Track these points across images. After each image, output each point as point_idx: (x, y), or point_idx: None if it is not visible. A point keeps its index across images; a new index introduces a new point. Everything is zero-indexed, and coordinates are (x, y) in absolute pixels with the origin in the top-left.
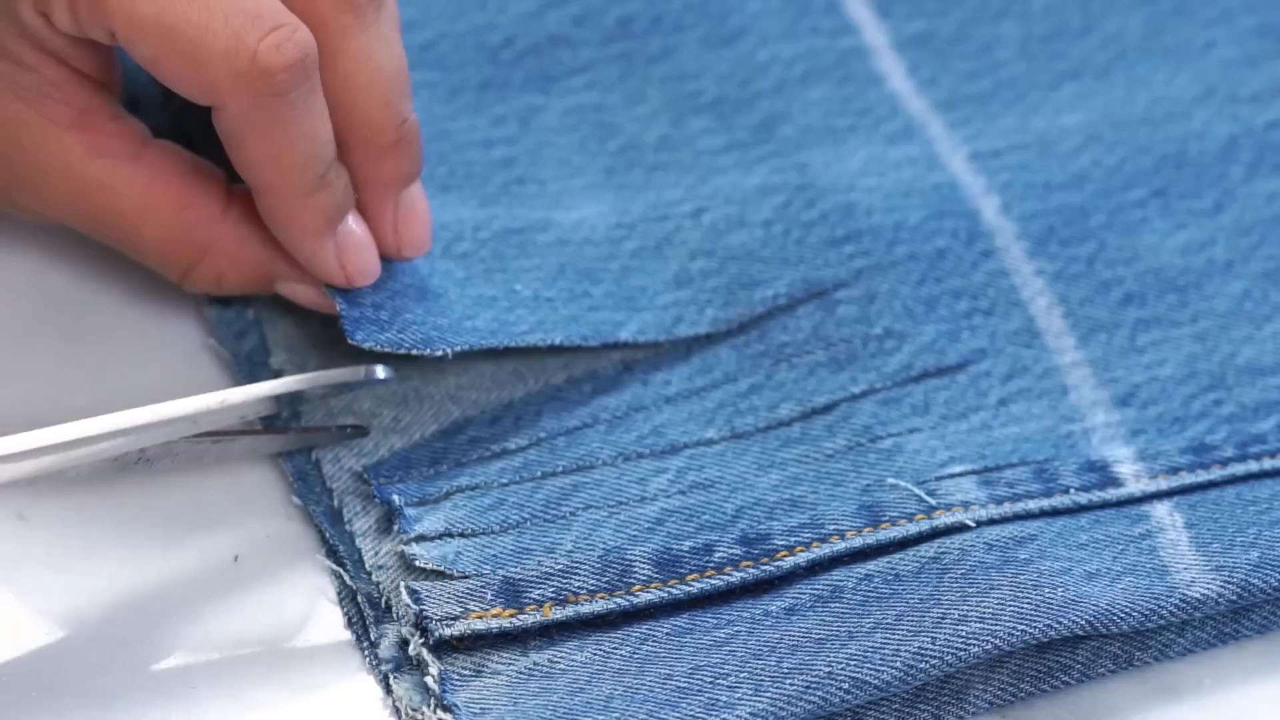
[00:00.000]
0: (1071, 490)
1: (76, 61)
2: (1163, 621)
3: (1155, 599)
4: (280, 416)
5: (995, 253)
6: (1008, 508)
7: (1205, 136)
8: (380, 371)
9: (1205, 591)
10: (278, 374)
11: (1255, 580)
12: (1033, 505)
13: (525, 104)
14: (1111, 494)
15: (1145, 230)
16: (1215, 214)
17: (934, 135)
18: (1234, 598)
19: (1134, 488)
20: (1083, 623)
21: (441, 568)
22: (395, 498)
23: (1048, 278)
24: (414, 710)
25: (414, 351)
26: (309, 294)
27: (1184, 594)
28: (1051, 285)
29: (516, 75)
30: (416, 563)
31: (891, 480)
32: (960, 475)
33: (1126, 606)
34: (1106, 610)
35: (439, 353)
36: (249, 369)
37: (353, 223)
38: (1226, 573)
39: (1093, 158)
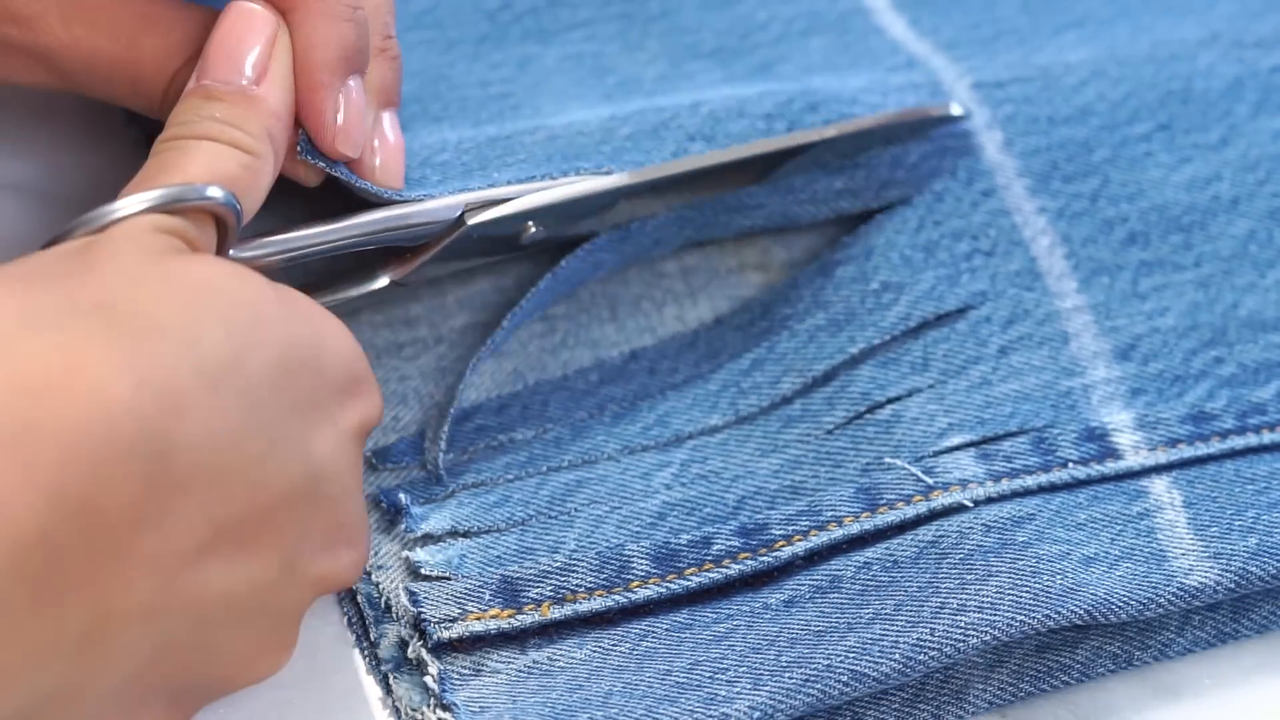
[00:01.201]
0: (1070, 464)
1: None
2: (1161, 610)
3: (1153, 588)
4: None
5: (996, 191)
6: (1005, 485)
7: (1211, 75)
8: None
9: (1203, 580)
10: None
11: (1253, 568)
12: (1030, 481)
13: (523, 52)
14: (1110, 467)
15: (1150, 164)
16: (1221, 148)
17: (937, 66)
18: (1232, 585)
19: (1133, 460)
20: (1081, 612)
21: (447, 574)
22: (402, 496)
23: (1050, 216)
24: (414, 710)
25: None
26: None
27: (1182, 582)
28: (1054, 224)
29: (514, 31)
30: (422, 571)
31: (890, 459)
32: (958, 449)
33: (1124, 595)
34: (1104, 599)
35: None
36: None
37: (355, 88)
38: (1224, 560)
39: (1097, 91)
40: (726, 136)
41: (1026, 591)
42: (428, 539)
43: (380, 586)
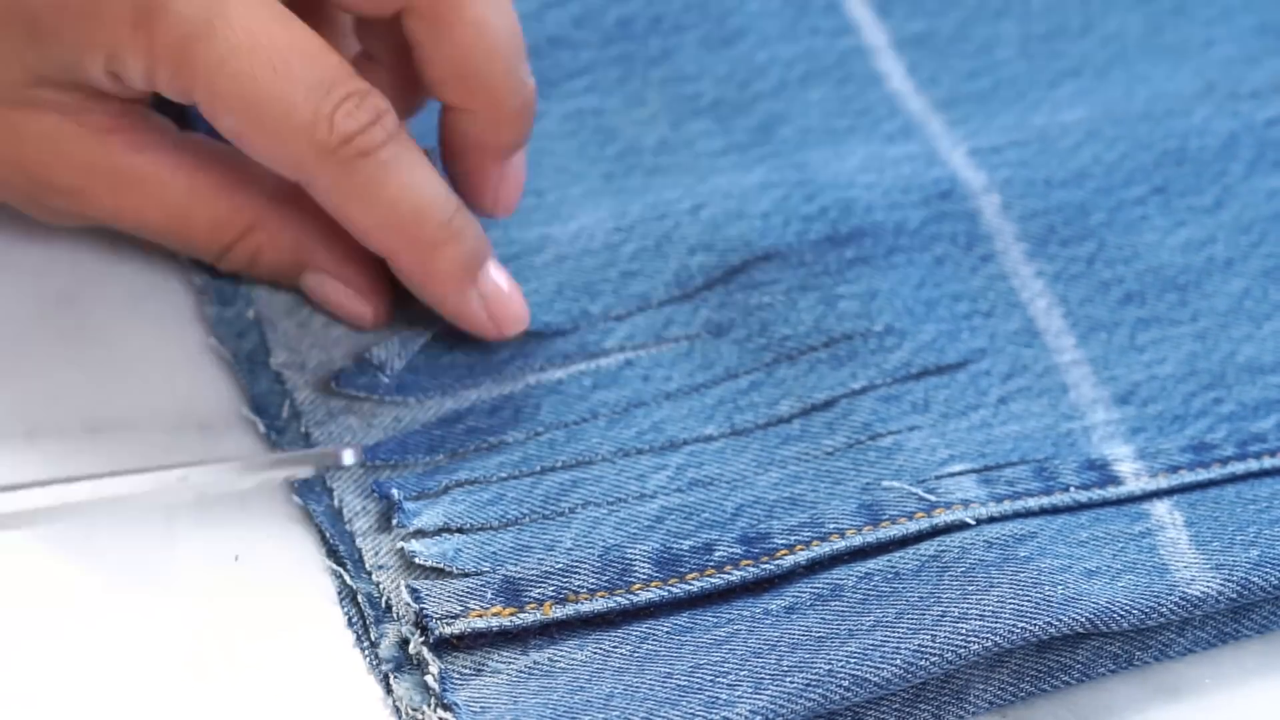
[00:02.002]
0: (1072, 489)
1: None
2: (1163, 619)
3: (1155, 597)
4: (281, 418)
5: (994, 256)
6: (1007, 505)
7: (1206, 133)
8: (348, 457)
9: (1205, 590)
10: (278, 375)
11: (1255, 578)
12: (1033, 504)
13: None
14: (1111, 492)
15: (1145, 228)
16: (1215, 211)
17: (933, 133)
18: (1234, 596)
19: (1134, 485)
20: (1083, 620)
21: (441, 564)
22: (394, 491)
23: (1047, 279)
24: (414, 710)
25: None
26: (337, 292)
27: (1184, 592)
28: (1051, 286)
29: None
30: (416, 559)
31: (891, 481)
32: (960, 474)
33: (1126, 604)
34: (1106, 608)
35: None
36: (249, 369)
37: (494, 272)
38: (1226, 571)
39: (1093, 154)
40: (725, 242)
41: (1028, 600)
42: (421, 534)
43: (380, 586)
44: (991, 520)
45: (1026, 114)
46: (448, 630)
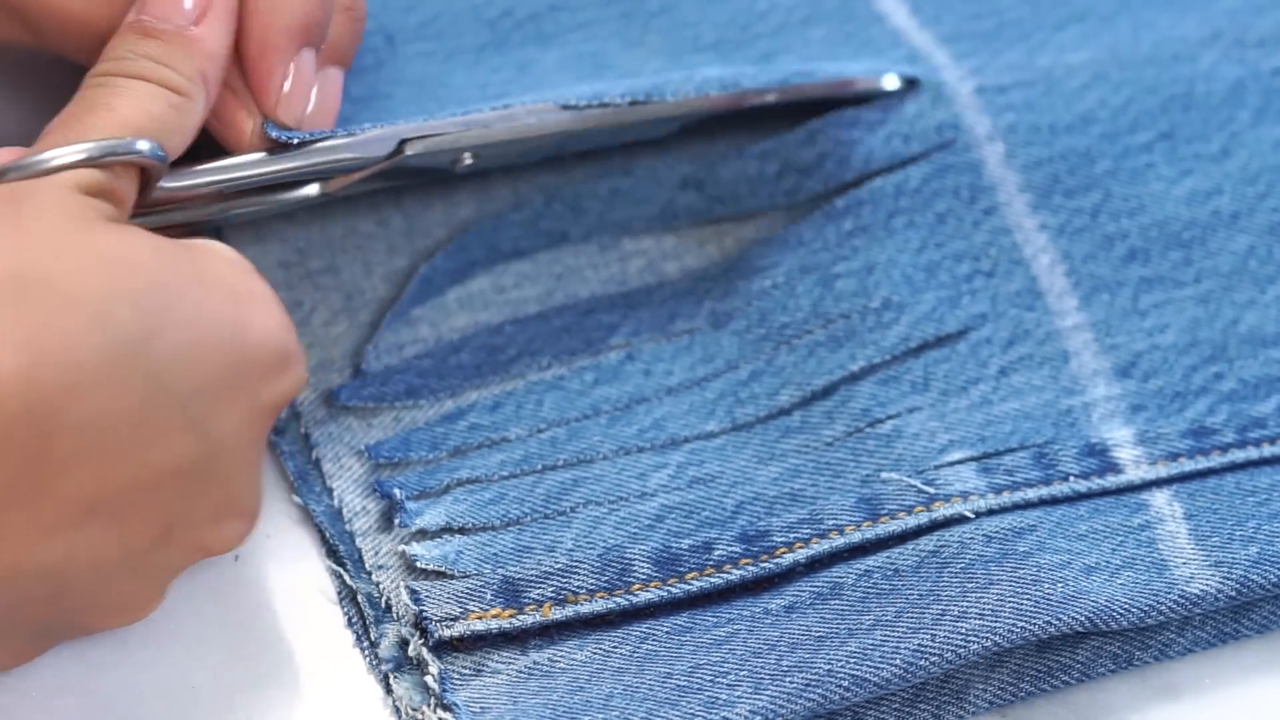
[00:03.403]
0: (1071, 478)
1: None
2: (1162, 618)
3: (1154, 595)
4: (281, 418)
5: (998, 209)
6: (1006, 497)
7: (1212, 78)
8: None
9: (1204, 588)
10: None
11: (1254, 576)
12: (1031, 494)
13: (523, 56)
14: (1111, 481)
15: (1151, 177)
16: (1222, 159)
17: (939, 63)
18: (1233, 594)
19: (1133, 474)
20: (1082, 619)
21: (443, 568)
22: (396, 491)
23: (1051, 233)
24: (414, 710)
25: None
26: (225, 101)
27: (1183, 590)
28: (1055, 241)
29: (515, 37)
30: (418, 564)
31: (890, 473)
32: (959, 463)
33: (1126, 603)
34: (1105, 607)
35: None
36: None
37: (307, 59)
38: (1225, 569)
39: (1099, 97)
40: (716, 187)
41: (1028, 599)
42: (422, 534)
43: (380, 586)
44: (991, 513)
45: (1032, 54)
46: (447, 633)
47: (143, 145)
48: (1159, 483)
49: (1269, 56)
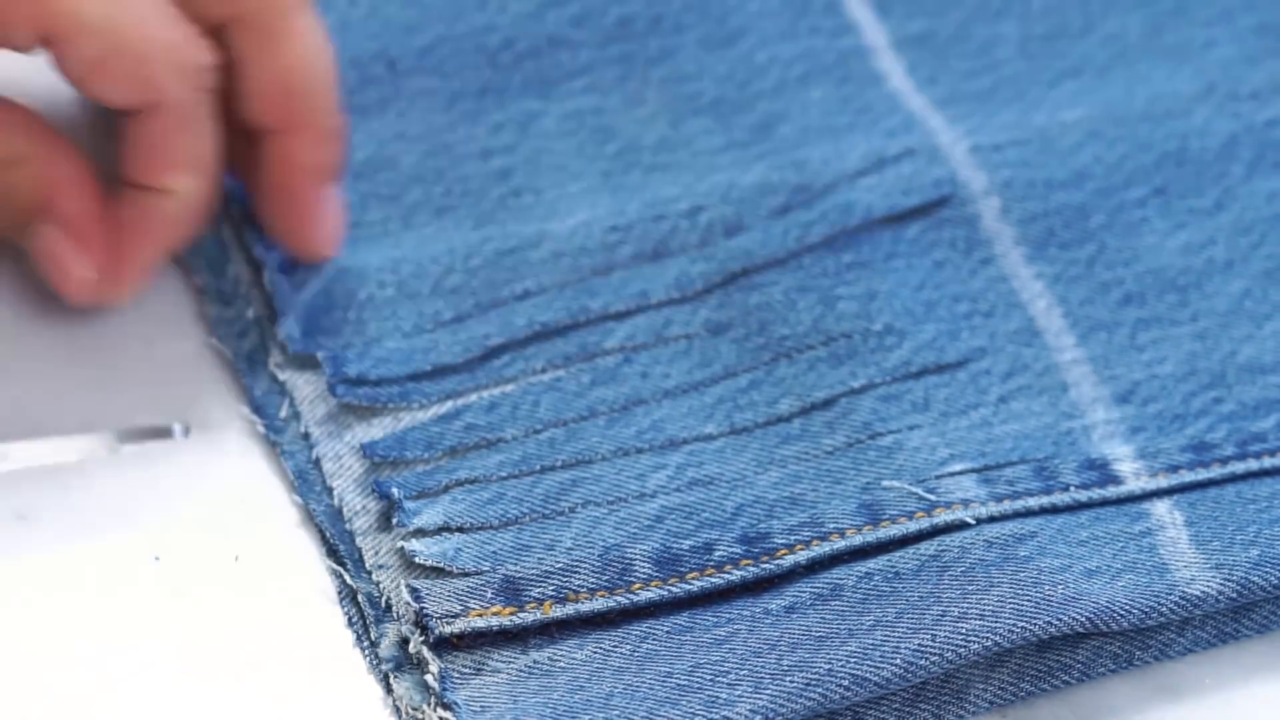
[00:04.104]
0: (1072, 488)
1: None
2: (1163, 619)
3: (1155, 597)
4: (281, 418)
5: (994, 260)
6: (1008, 505)
7: (1206, 134)
8: (176, 432)
9: (1205, 589)
10: (273, 376)
11: (1255, 578)
12: (1033, 503)
13: (524, 109)
14: (1111, 491)
15: (1145, 231)
16: (1215, 213)
17: (934, 128)
18: (1234, 595)
19: (1134, 485)
20: (1083, 620)
21: (441, 564)
22: (394, 490)
23: (1047, 280)
24: (414, 709)
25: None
26: (65, 251)
27: (1184, 592)
28: (1051, 287)
29: (515, 79)
30: (416, 559)
31: (891, 481)
32: (960, 474)
33: (1126, 604)
34: (1106, 608)
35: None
36: (249, 368)
37: (332, 195)
38: (1226, 570)
39: (1093, 154)
40: (725, 252)
41: (1028, 600)
42: (421, 533)
43: (381, 585)
44: (992, 520)
45: (1027, 112)
46: (447, 630)
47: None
48: (1159, 493)
49: (1262, 109)
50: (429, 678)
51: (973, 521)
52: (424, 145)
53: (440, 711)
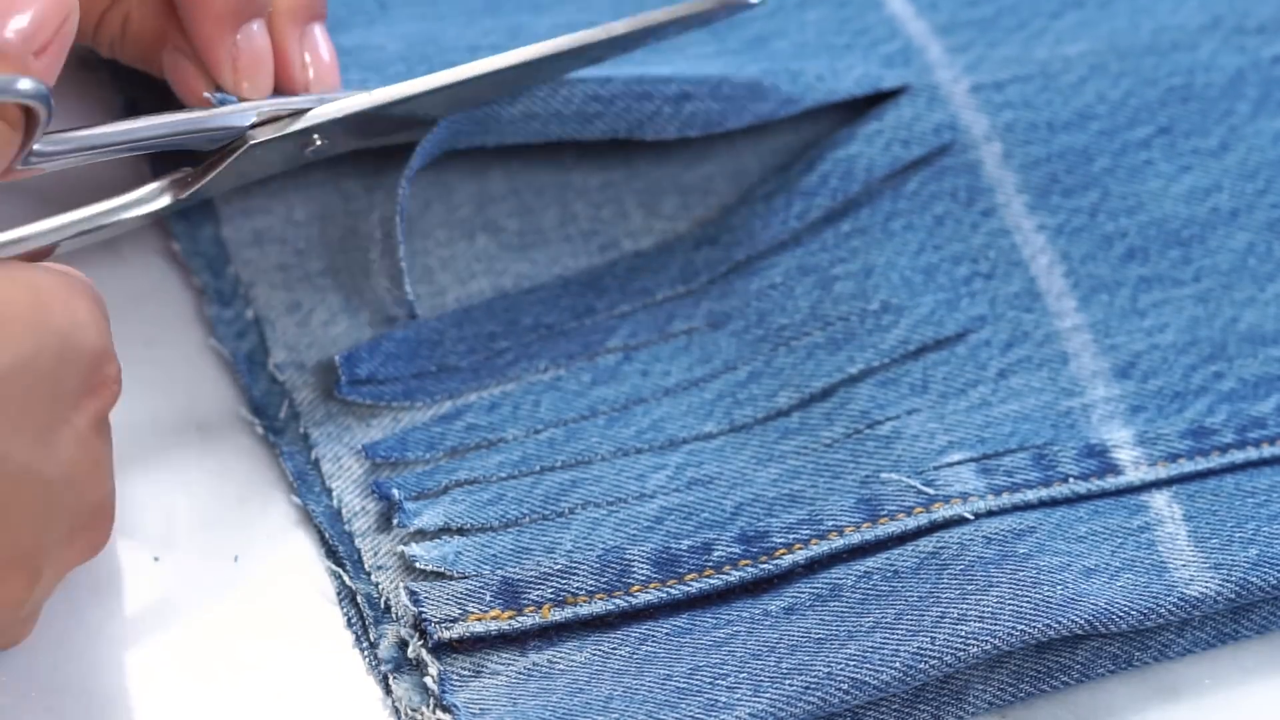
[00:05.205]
0: (1071, 479)
1: None
2: (1161, 620)
3: (1154, 598)
4: (280, 418)
5: (996, 210)
6: (1006, 498)
7: (1212, 68)
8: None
9: (1204, 590)
10: (273, 376)
11: (1254, 579)
12: (1031, 495)
13: (515, 21)
14: (1110, 482)
15: (1149, 174)
16: (1221, 154)
17: (933, 60)
18: (1232, 596)
19: (1133, 475)
20: (1082, 622)
21: (441, 569)
22: (394, 491)
23: (1049, 233)
24: (413, 710)
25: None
26: (188, 71)
27: (1182, 593)
28: (1053, 241)
29: (509, 3)
30: (417, 564)
31: (889, 474)
32: (959, 464)
33: (1125, 605)
34: (1105, 609)
35: None
36: (249, 369)
37: (257, 31)
38: (1225, 571)
39: (1097, 91)
40: (730, 235)
41: (1027, 602)
42: (421, 535)
43: (380, 586)
44: (990, 514)
45: (1029, 45)
46: (446, 635)
47: (25, 85)
48: (1159, 484)
49: (1269, 44)
50: (428, 680)
51: (971, 516)
52: (408, 39)
53: (439, 714)
